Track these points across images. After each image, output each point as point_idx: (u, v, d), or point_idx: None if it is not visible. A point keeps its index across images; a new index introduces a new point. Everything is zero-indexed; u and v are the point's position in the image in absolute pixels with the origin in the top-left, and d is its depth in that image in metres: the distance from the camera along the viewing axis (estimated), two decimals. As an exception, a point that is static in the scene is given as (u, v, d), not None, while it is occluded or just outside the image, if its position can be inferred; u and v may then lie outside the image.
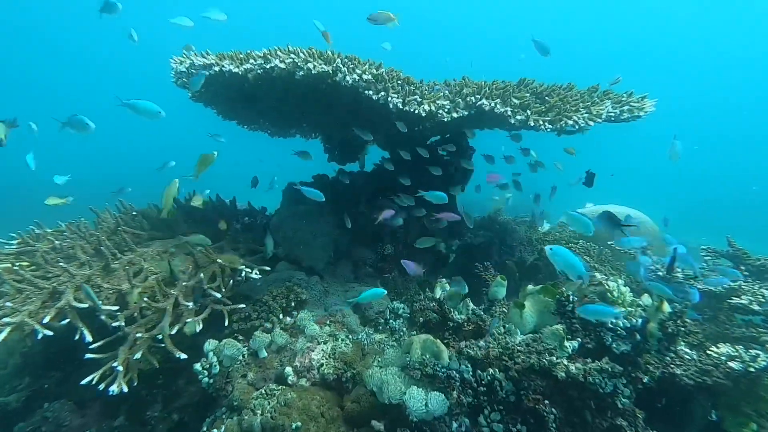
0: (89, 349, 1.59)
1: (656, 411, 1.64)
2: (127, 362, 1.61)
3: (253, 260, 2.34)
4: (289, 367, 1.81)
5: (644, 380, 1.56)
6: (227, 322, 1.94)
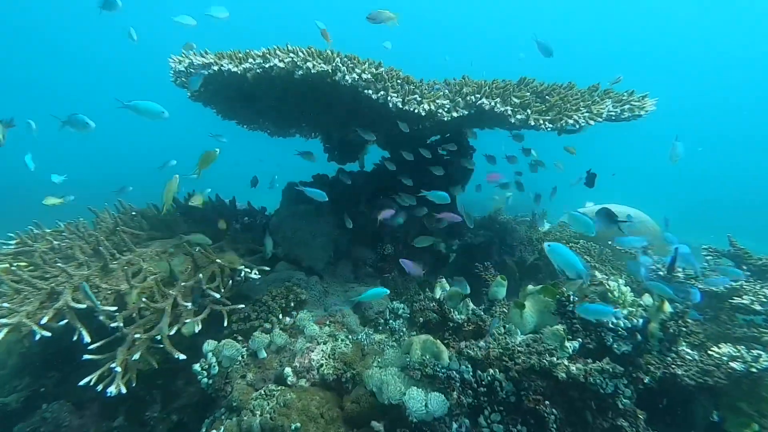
0: (87, 350, 1.58)
1: (657, 411, 1.63)
2: (126, 363, 1.60)
3: (253, 260, 2.34)
4: (289, 368, 1.81)
5: (645, 381, 1.56)
6: (226, 323, 1.93)
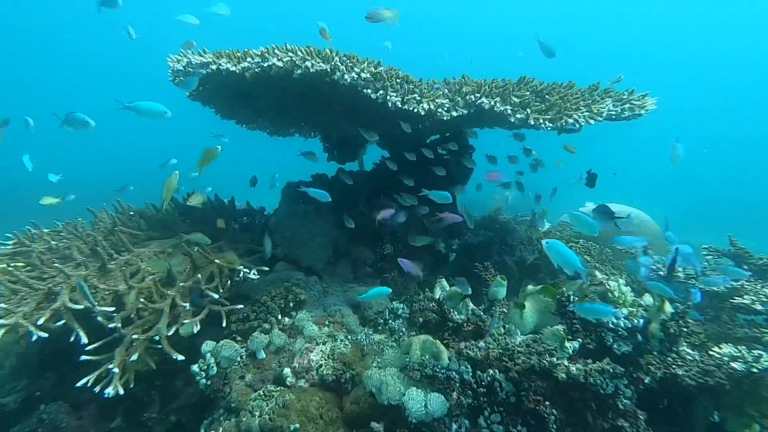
0: (85, 351, 1.57)
1: (658, 412, 1.62)
2: (124, 364, 1.59)
3: (252, 260, 2.33)
4: (288, 368, 1.80)
5: (646, 381, 1.55)
6: (225, 323, 1.92)
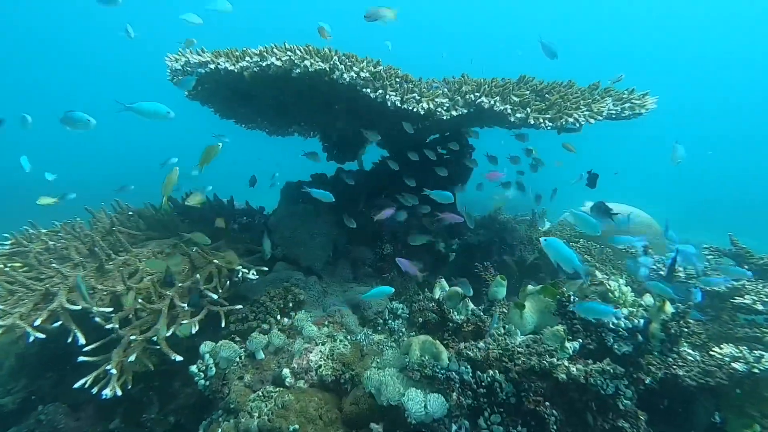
0: (82, 352, 1.57)
1: (659, 412, 1.61)
2: (121, 365, 1.58)
3: (251, 260, 2.32)
4: (287, 369, 1.79)
5: (646, 381, 1.55)
6: (224, 324, 1.91)
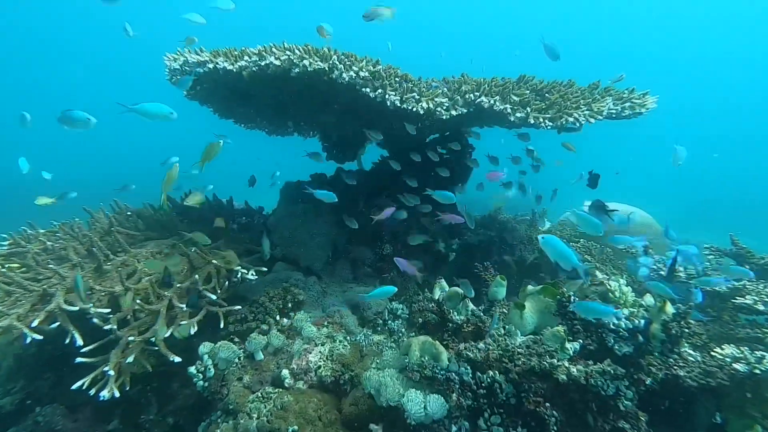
0: (80, 353, 1.56)
1: (659, 413, 1.61)
2: (119, 366, 1.57)
3: (250, 261, 2.31)
4: (286, 370, 1.78)
5: (647, 382, 1.54)
6: (223, 324, 1.91)
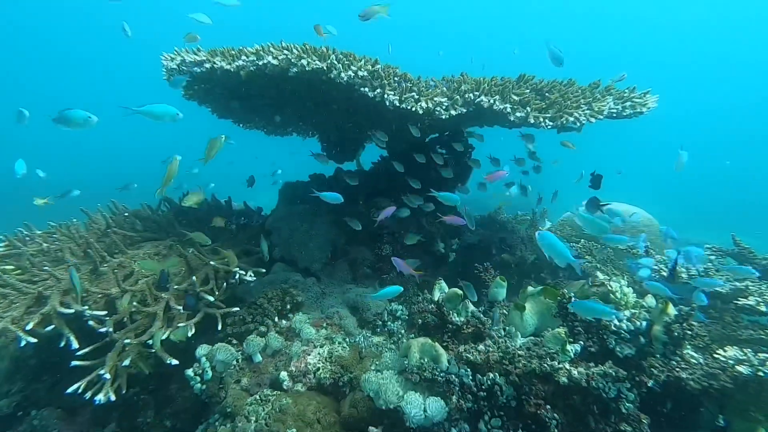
0: (76, 356, 1.54)
1: (662, 416, 1.59)
2: (115, 369, 1.56)
3: (249, 262, 2.30)
4: (285, 372, 1.77)
5: (649, 384, 1.52)
6: (220, 326, 1.89)
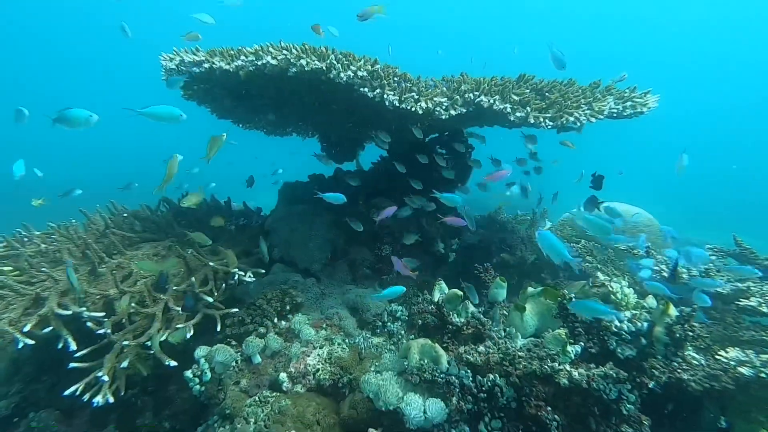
0: (74, 358, 1.53)
1: (663, 417, 1.58)
2: (114, 371, 1.55)
3: (248, 262, 2.29)
4: (284, 373, 1.76)
5: (650, 385, 1.51)
6: (220, 327, 1.88)
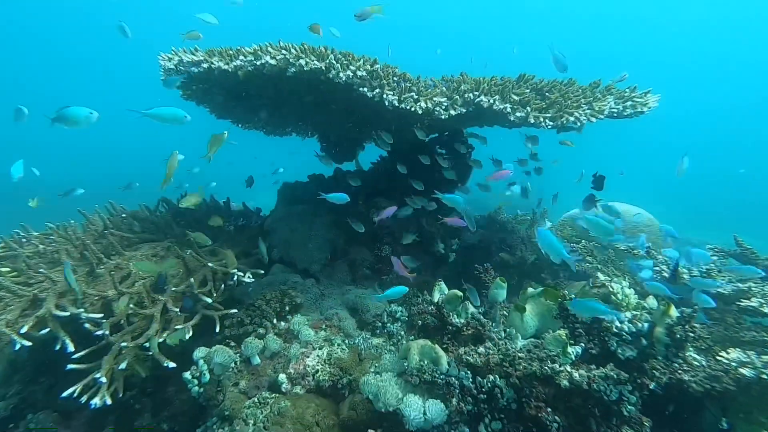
0: (71, 359, 1.52)
1: (664, 418, 1.58)
2: (112, 372, 1.54)
3: (247, 263, 2.28)
4: (283, 374, 1.76)
5: (651, 387, 1.51)
6: (218, 328, 1.87)
